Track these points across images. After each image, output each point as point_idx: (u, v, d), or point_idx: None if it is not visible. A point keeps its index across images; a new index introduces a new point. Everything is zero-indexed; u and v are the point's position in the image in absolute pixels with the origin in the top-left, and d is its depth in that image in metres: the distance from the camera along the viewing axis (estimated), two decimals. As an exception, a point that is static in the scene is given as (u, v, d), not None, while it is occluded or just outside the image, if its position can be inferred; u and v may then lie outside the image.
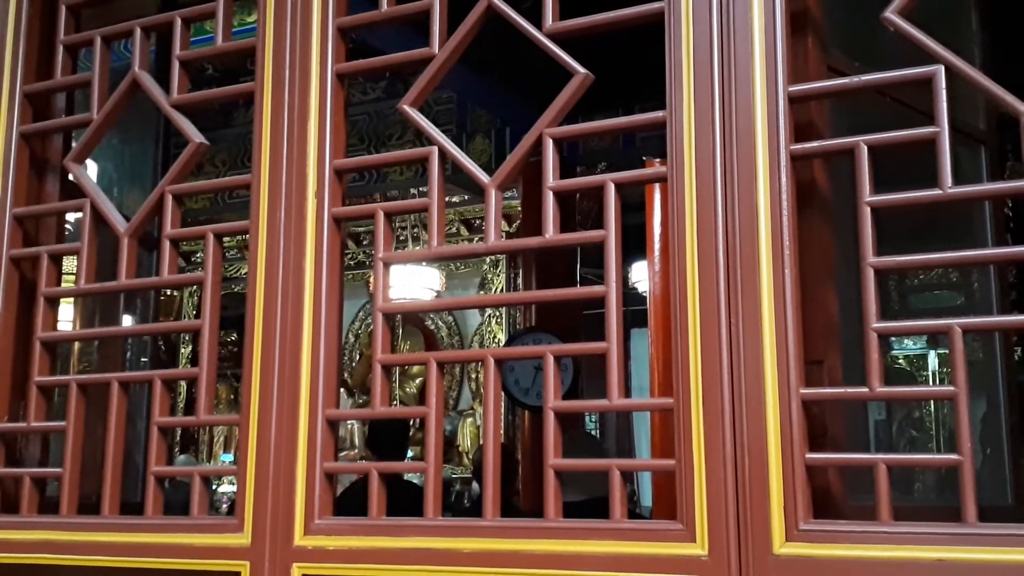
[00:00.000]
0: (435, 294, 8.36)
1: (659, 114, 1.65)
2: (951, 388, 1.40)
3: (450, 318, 9.87)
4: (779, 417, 1.47)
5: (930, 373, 8.06)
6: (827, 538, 1.42)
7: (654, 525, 1.57)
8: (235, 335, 9.53)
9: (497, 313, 9.30)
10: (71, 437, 2.04)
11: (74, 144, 2.27)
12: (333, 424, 1.85)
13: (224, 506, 7.58)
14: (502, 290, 9.21)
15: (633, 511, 3.35)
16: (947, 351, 1.39)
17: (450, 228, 9.22)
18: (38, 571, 2.00)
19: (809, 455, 1.47)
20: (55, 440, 2.31)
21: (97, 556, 1.93)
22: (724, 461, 1.49)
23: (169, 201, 2.05)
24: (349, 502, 1.85)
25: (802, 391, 1.48)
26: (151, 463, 1.97)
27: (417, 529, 1.71)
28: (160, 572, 1.88)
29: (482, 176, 1.82)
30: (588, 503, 1.65)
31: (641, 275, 7.11)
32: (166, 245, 2.04)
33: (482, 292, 9.43)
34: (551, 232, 1.72)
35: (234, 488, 7.48)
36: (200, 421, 1.99)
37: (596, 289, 1.67)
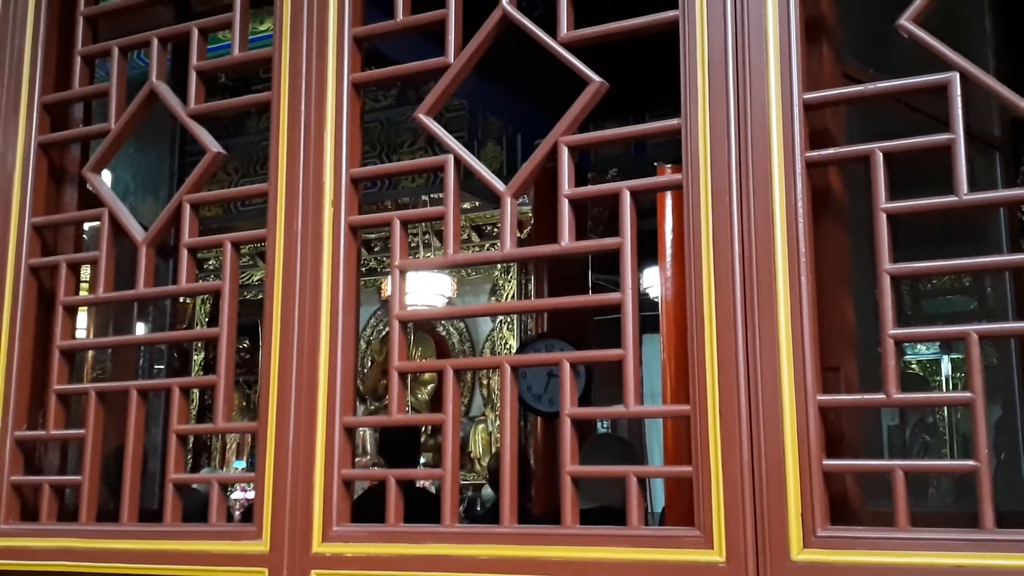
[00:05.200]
0: (447, 301, 8.38)
1: (674, 122, 1.66)
2: (968, 394, 1.40)
3: (461, 324, 9.89)
4: (796, 423, 1.47)
5: (943, 378, 8.03)
6: (845, 544, 1.42)
7: (671, 532, 1.58)
8: (247, 342, 9.56)
9: (509, 320, 9.32)
10: (90, 445, 2.05)
11: (91, 154, 2.29)
12: (350, 431, 1.86)
13: (237, 513, 7.59)
14: (513, 296, 9.23)
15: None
16: (961, 356, 1.40)
17: (462, 235, 9.21)
18: (58, 578, 2.02)
19: (826, 461, 1.47)
20: (72, 448, 2.33)
21: (116, 563, 1.95)
22: (741, 467, 1.49)
23: (187, 210, 2.06)
24: (361, 510, 1.86)
25: (819, 397, 1.48)
26: (169, 470, 1.98)
27: (435, 536, 1.72)
28: (179, 579, 1.90)
29: (497, 184, 1.83)
30: (596, 511, 1.65)
31: (652, 281, 7.11)
32: (184, 254, 2.05)
33: (493, 299, 9.45)
34: (567, 240, 1.73)
35: (245, 495, 7.51)
36: (218, 428, 2.00)
37: (612, 296, 1.68)
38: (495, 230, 9.34)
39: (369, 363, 10.14)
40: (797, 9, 1.59)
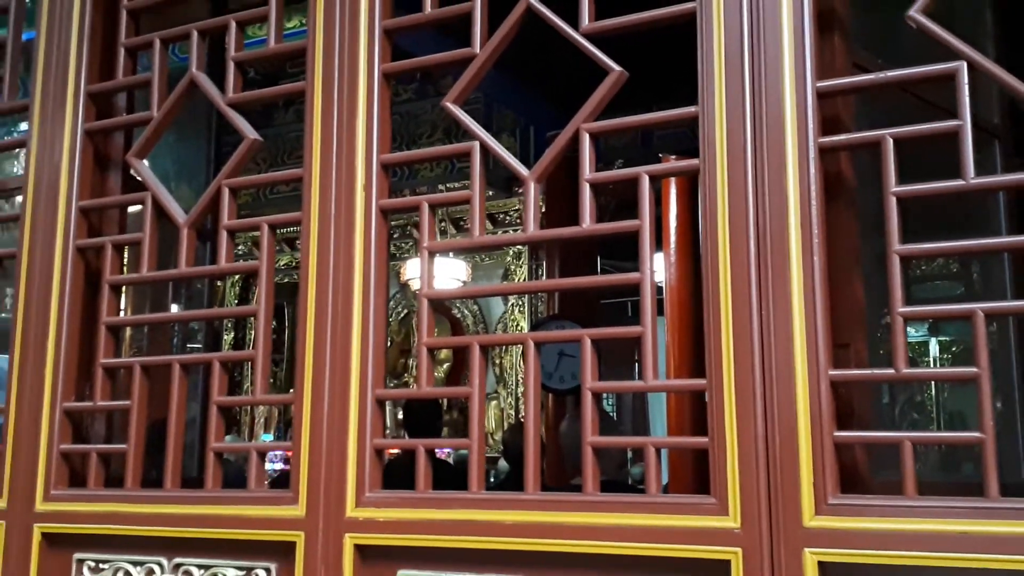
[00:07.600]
0: (461, 284, 8.37)
1: (691, 109, 1.64)
2: (974, 369, 1.38)
3: (475, 307, 9.88)
4: (808, 397, 1.46)
5: (931, 359, 8.00)
6: (854, 512, 1.41)
7: (689, 499, 1.56)
8: (274, 323, 9.57)
9: (520, 302, 9.32)
10: (135, 415, 2.05)
11: (134, 141, 2.27)
12: (381, 403, 1.85)
13: (266, 483, 7.59)
14: (525, 280, 9.24)
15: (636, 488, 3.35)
16: (949, 338, 1.38)
17: (475, 222, 9.22)
18: (106, 540, 2.01)
19: (837, 433, 1.45)
20: (117, 418, 2.33)
21: (160, 527, 1.94)
22: (756, 439, 1.48)
23: (226, 194, 2.05)
24: (384, 481, 1.85)
25: (831, 372, 1.46)
26: (210, 439, 1.97)
27: (462, 502, 1.71)
28: (220, 541, 1.89)
29: (521, 169, 1.81)
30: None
31: (656, 267, 7.08)
32: (223, 235, 2.04)
33: (505, 282, 9.45)
34: (588, 222, 1.71)
35: (274, 466, 7.51)
36: (256, 400, 2.00)
37: (631, 276, 1.68)
38: (507, 218, 9.33)
39: (388, 343, 10.16)
40: (811, 1, 1.57)
